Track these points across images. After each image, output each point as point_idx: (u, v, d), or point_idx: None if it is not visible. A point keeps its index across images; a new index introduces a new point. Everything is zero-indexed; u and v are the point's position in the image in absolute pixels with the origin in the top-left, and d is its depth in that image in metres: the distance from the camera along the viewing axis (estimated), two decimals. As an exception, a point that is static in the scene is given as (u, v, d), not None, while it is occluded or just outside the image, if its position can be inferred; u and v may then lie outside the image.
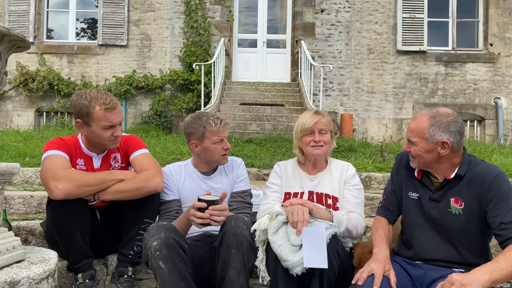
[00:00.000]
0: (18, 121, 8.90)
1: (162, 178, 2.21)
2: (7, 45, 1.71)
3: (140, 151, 2.30)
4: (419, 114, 1.87)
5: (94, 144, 2.24)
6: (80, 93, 2.16)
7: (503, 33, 9.17)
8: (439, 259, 1.86)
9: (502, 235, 1.67)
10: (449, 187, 1.85)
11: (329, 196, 2.20)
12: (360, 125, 9.13)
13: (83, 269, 2.14)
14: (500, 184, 1.76)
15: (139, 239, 2.18)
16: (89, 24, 9.76)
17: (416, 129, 1.82)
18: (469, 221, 1.80)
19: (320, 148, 2.21)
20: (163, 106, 8.79)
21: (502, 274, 1.53)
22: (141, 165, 2.23)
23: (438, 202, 1.87)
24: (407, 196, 1.97)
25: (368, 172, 3.89)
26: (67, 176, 2.03)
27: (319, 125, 2.21)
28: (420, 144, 1.81)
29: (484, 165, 1.85)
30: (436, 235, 1.87)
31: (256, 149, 5.19)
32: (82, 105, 2.11)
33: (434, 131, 1.78)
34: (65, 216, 2.05)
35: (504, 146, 7.22)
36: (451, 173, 1.84)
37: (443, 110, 1.84)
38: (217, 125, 2.22)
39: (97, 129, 2.13)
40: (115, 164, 2.31)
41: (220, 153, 2.26)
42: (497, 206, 1.72)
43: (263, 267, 1.91)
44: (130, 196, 2.14)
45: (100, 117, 2.11)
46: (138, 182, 2.14)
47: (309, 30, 9.27)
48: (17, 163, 1.76)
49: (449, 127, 1.78)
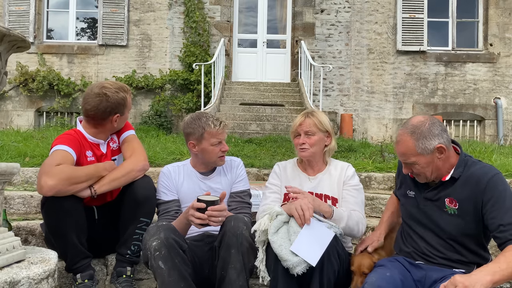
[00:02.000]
0: (18, 121, 8.90)
1: (146, 159, 2.32)
2: (7, 45, 1.71)
3: (129, 132, 2.42)
4: (398, 137, 1.85)
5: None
6: (87, 98, 2.26)
7: (503, 33, 9.18)
8: (437, 255, 1.86)
9: (501, 237, 1.67)
10: (443, 188, 1.86)
11: (328, 197, 2.19)
12: (360, 125, 9.14)
13: (81, 269, 2.14)
14: (496, 185, 1.75)
15: (136, 238, 2.18)
16: (89, 24, 9.77)
17: (407, 151, 1.81)
18: (464, 221, 1.81)
19: (305, 151, 2.20)
20: (163, 106, 8.79)
21: (503, 275, 1.54)
22: (131, 144, 2.36)
23: (432, 201, 1.89)
24: (406, 194, 2.01)
25: (368, 172, 3.89)
26: (58, 171, 2.01)
27: (304, 127, 2.20)
28: (420, 160, 1.80)
29: (480, 165, 1.84)
30: (433, 233, 1.89)
31: (256, 149, 5.19)
32: (104, 104, 2.22)
33: (424, 143, 1.78)
34: (59, 217, 2.04)
35: (504, 146, 7.22)
36: (447, 175, 1.84)
37: (416, 120, 1.83)
38: (216, 126, 2.22)
39: (126, 116, 2.37)
40: (114, 145, 2.39)
41: (217, 155, 2.26)
42: (494, 208, 1.71)
43: (263, 267, 1.91)
44: (125, 181, 2.20)
45: (127, 105, 2.32)
46: (126, 166, 2.23)
47: (309, 30, 9.27)
48: (17, 163, 1.76)
49: (432, 132, 1.78)
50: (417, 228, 1.94)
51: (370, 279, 1.79)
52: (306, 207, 1.87)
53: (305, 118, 2.21)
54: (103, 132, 2.31)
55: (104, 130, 2.30)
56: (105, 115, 2.22)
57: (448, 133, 1.85)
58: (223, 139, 2.26)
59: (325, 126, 2.22)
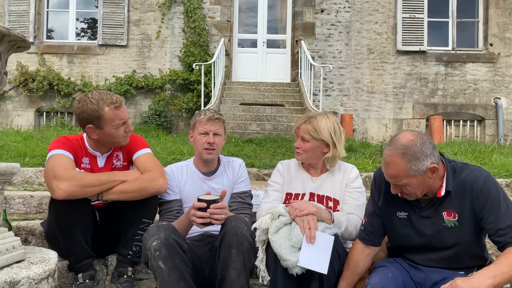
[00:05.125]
0: (18, 121, 8.89)
1: (165, 180, 2.21)
2: (7, 45, 1.71)
3: (143, 151, 2.29)
4: (388, 158, 1.70)
5: (105, 144, 2.23)
6: (83, 99, 2.13)
7: (503, 33, 9.17)
8: (438, 266, 1.83)
9: (501, 241, 1.66)
10: (439, 202, 1.79)
11: (330, 198, 2.19)
12: (360, 125, 9.13)
13: (83, 269, 2.14)
14: (489, 189, 1.71)
15: (138, 239, 2.18)
16: (89, 24, 9.77)
17: (399, 174, 1.69)
18: (465, 231, 1.76)
19: (299, 155, 2.21)
20: (163, 106, 8.80)
21: (504, 278, 1.53)
22: (145, 165, 2.22)
23: (430, 218, 1.80)
24: (395, 216, 1.87)
25: (368, 172, 3.89)
26: (70, 176, 2.03)
27: (300, 131, 2.19)
28: (411, 182, 1.69)
29: (468, 170, 1.78)
30: (431, 251, 1.83)
31: (256, 149, 5.19)
32: (90, 110, 2.09)
33: (416, 165, 1.66)
34: (68, 215, 2.05)
35: (504, 146, 7.21)
36: (440, 188, 1.76)
37: (405, 139, 1.69)
38: (202, 116, 2.26)
39: (111, 129, 2.13)
40: (117, 162, 2.31)
41: (203, 146, 2.24)
42: (490, 213, 1.68)
43: (263, 267, 1.92)
44: (133, 196, 2.13)
45: (112, 117, 2.10)
46: (142, 183, 2.14)
47: (309, 30, 9.27)
48: (17, 163, 1.76)
49: (424, 152, 1.67)
50: (412, 249, 1.86)
51: (373, 280, 1.78)
52: (312, 225, 1.85)
53: (302, 122, 2.19)
54: (96, 144, 2.24)
55: (94, 142, 2.23)
56: (81, 123, 2.15)
57: (437, 150, 1.74)
58: (213, 132, 2.25)
59: (321, 135, 2.13)
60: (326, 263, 1.78)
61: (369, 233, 1.94)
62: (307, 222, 1.85)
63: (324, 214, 1.97)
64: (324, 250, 1.80)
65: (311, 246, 1.80)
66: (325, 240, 1.83)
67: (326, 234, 1.86)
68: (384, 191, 1.90)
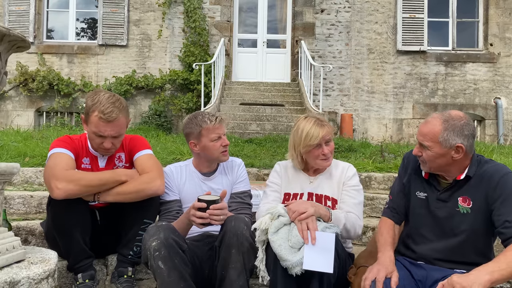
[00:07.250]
0: (18, 121, 8.89)
1: (163, 181, 2.20)
2: (7, 45, 1.71)
3: (143, 152, 2.29)
4: (431, 118, 1.81)
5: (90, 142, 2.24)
6: (93, 93, 2.15)
7: (503, 33, 9.17)
8: (441, 258, 1.85)
9: (506, 233, 1.67)
10: (457, 187, 1.84)
11: (328, 197, 2.19)
12: (360, 125, 9.13)
13: (83, 269, 2.14)
14: (507, 183, 1.74)
15: (139, 239, 2.17)
16: (89, 24, 9.77)
17: (429, 133, 1.77)
18: (476, 220, 1.79)
19: (329, 159, 2.21)
20: (163, 106, 8.80)
21: (502, 275, 1.52)
22: (143, 166, 2.22)
23: (445, 202, 1.85)
24: (415, 196, 1.95)
25: (368, 172, 3.89)
26: (69, 176, 2.03)
27: (326, 137, 2.17)
28: (434, 148, 1.76)
29: (492, 163, 1.84)
30: (441, 235, 1.86)
31: (256, 149, 5.19)
32: (87, 104, 2.13)
33: (448, 135, 1.74)
34: (66, 215, 2.05)
35: (504, 146, 7.21)
36: (461, 174, 1.82)
37: (455, 113, 1.79)
38: (212, 122, 2.23)
39: (90, 132, 2.15)
40: (119, 163, 2.31)
41: (219, 150, 2.26)
42: (503, 205, 1.71)
43: (263, 267, 1.91)
44: (130, 198, 2.13)
45: (93, 123, 2.10)
46: (139, 184, 2.13)
47: (309, 30, 9.27)
48: (17, 163, 1.76)
49: (463, 131, 1.74)
50: (423, 230, 1.90)
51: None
52: (312, 226, 1.85)
53: (324, 128, 2.15)
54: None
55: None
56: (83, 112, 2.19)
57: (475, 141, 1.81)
58: (222, 134, 2.26)
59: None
60: (331, 262, 1.78)
61: (392, 209, 2.03)
62: (305, 225, 1.85)
63: (322, 211, 1.97)
64: (327, 249, 1.80)
65: (313, 247, 1.80)
66: (326, 239, 1.83)
67: (327, 233, 1.85)
68: (410, 171, 1.99)
